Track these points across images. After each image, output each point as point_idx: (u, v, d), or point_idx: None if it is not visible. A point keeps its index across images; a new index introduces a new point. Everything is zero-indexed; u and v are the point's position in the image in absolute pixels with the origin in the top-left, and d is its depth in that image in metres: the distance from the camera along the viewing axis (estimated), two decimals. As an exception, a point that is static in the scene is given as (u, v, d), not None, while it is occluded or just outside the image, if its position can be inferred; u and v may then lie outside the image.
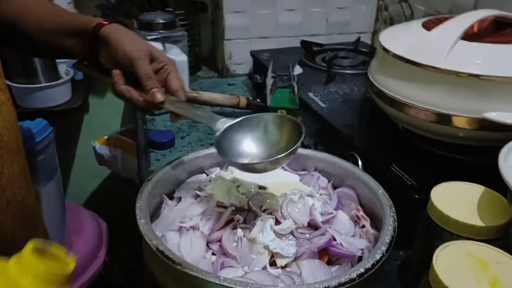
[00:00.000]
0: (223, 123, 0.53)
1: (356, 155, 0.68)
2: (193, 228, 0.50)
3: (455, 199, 0.51)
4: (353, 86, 0.90)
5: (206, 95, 0.94)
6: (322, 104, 0.82)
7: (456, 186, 0.53)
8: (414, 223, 0.57)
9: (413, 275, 0.56)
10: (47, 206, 0.98)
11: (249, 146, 0.53)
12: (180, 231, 0.50)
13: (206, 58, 1.31)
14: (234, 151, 0.52)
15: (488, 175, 0.59)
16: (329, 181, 0.61)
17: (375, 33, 1.24)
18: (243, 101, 0.95)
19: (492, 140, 0.62)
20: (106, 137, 1.22)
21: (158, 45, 0.95)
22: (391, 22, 1.15)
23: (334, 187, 0.61)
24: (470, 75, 0.57)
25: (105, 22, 0.56)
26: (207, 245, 0.49)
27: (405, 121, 0.67)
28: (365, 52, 1.11)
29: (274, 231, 0.49)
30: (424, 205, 0.57)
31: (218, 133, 0.52)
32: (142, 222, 0.47)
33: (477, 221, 0.48)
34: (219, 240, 0.49)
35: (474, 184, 0.53)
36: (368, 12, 1.21)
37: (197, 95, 0.93)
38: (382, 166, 0.65)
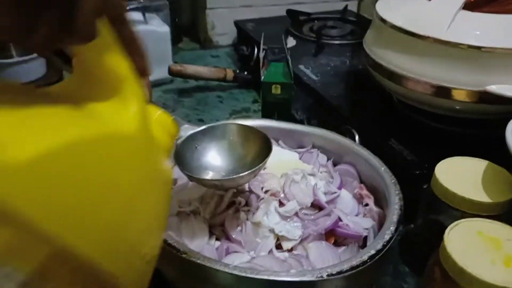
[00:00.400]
0: (186, 130, 0.48)
1: (353, 130, 0.67)
2: (194, 212, 0.47)
3: (459, 174, 0.50)
4: (343, 58, 0.88)
5: (191, 68, 0.90)
6: (314, 77, 0.80)
7: (459, 161, 0.52)
8: (414, 198, 0.56)
9: (414, 252, 0.56)
10: None
11: (213, 158, 0.49)
12: (180, 216, 0.47)
13: (187, 28, 1.26)
14: (195, 163, 0.48)
15: (487, 148, 0.59)
16: (328, 159, 0.60)
17: (361, 1, 1.21)
18: (229, 74, 0.92)
19: (492, 113, 0.61)
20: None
21: (138, 15, 0.89)
22: (378, -11, 1.12)
23: (334, 165, 0.60)
24: (471, 47, 0.56)
25: None
26: (210, 230, 0.47)
27: (402, 94, 0.65)
28: (352, 21, 1.08)
29: (279, 214, 0.47)
30: (425, 180, 0.57)
31: (179, 141, 0.47)
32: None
33: (484, 197, 0.47)
34: (222, 224, 0.47)
35: (476, 158, 0.53)
36: (354, -21, 1.17)
37: (181, 68, 0.89)
38: (380, 141, 0.63)
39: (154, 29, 0.91)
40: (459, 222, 0.44)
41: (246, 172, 0.44)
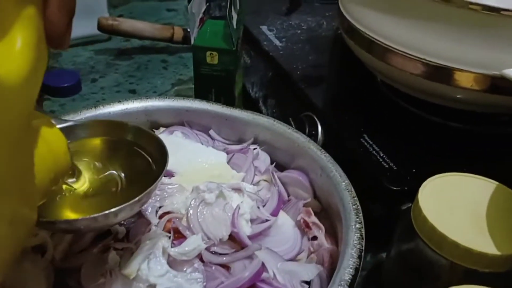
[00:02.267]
0: None
1: (316, 118, 0.49)
2: (37, 250, 0.31)
3: (454, 203, 0.34)
4: (320, 19, 0.69)
5: (127, 24, 0.71)
6: (277, 43, 0.61)
7: (456, 180, 0.36)
8: (387, 220, 0.40)
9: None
10: None
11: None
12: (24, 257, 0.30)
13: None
14: None
15: (498, 154, 0.42)
16: (272, 162, 0.42)
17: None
18: (178, 34, 0.73)
19: (506, 106, 0.43)
20: None
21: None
22: None
23: (281, 169, 0.43)
24: (487, 8, 0.38)
25: None
26: (60, 277, 0.30)
27: (385, 73, 0.47)
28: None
29: (169, 257, 0.31)
30: (405, 198, 0.40)
31: None
32: None
33: (488, 245, 0.31)
34: (80, 269, 0.30)
35: (482, 177, 0.36)
36: None
37: (114, 23, 0.70)
38: (349, 136, 0.46)
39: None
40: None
41: (113, 209, 0.26)
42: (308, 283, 0.33)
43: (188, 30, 0.74)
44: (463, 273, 0.32)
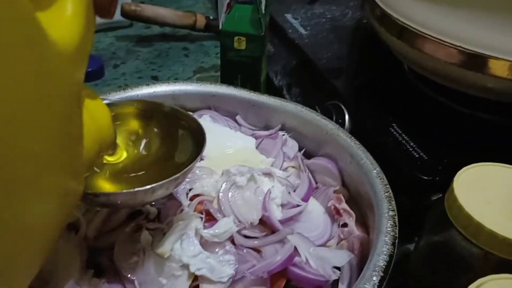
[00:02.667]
0: None
1: (343, 107, 0.49)
2: (70, 228, 0.31)
3: (491, 194, 0.33)
4: (345, 8, 0.68)
5: (150, 10, 0.70)
6: (302, 31, 0.60)
7: (492, 171, 0.35)
8: (417, 210, 0.39)
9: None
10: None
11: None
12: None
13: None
14: None
15: None
16: (300, 149, 0.42)
17: None
18: (200, 21, 0.73)
19: (542, 97, 0.42)
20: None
21: None
22: None
23: (308, 156, 0.42)
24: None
25: None
26: (93, 256, 0.30)
27: (417, 61, 0.46)
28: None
29: (201, 239, 0.30)
30: (436, 189, 0.40)
31: None
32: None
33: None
34: (113, 247, 0.30)
35: (514, 167, 0.35)
36: None
37: (137, 9, 0.69)
38: (377, 126, 0.45)
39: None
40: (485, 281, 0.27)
41: (152, 185, 0.26)
42: (338, 269, 0.32)
43: (211, 17, 0.73)
44: (496, 263, 0.31)
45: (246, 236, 0.32)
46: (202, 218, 0.31)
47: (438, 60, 0.42)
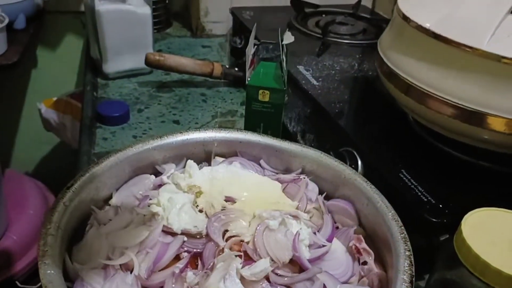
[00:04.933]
0: None
1: (355, 153, 0.53)
2: (126, 267, 0.34)
3: (496, 236, 0.37)
4: (351, 60, 0.74)
5: (172, 59, 0.76)
6: (315, 82, 0.66)
7: (495, 215, 0.39)
8: (426, 250, 0.43)
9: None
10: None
11: None
12: (106, 271, 0.34)
13: (178, 13, 1.12)
14: None
15: None
16: (320, 191, 0.46)
17: (377, -4, 1.06)
18: (217, 70, 0.78)
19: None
20: (55, 98, 1.03)
21: (114, -8, 0.76)
22: (399, -16, 0.98)
23: (327, 198, 0.46)
24: (519, 62, 0.42)
25: None
26: (144, 292, 0.34)
27: (422, 115, 0.52)
28: (366, 18, 0.94)
29: (242, 277, 0.34)
30: (444, 230, 0.44)
31: None
32: (45, 263, 0.31)
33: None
34: (162, 286, 0.34)
35: (516, 213, 0.39)
36: (372, -31, 1.03)
37: (160, 59, 0.75)
38: (387, 171, 0.50)
39: (132, 9, 0.77)
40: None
41: None
42: (361, 304, 0.36)
43: (227, 66, 0.79)
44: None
45: (279, 275, 0.36)
46: (241, 258, 0.35)
47: (442, 115, 0.47)
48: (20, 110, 1.20)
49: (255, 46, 0.56)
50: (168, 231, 0.37)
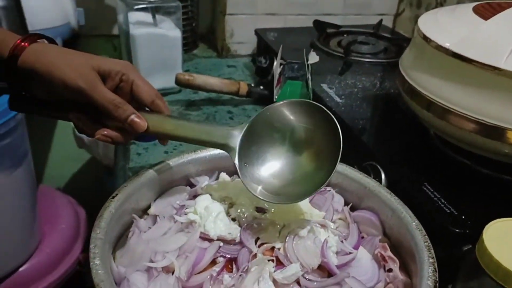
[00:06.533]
0: (235, 139, 0.42)
1: (379, 167, 0.56)
2: (166, 269, 0.37)
3: (515, 244, 0.39)
4: (373, 79, 0.77)
5: (201, 79, 0.80)
6: (338, 99, 0.69)
7: (513, 225, 0.41)
8: (449, 260, 0.45)
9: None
10: (14, 194, 0.86)
11: (270, 162, 0.42)
12: (149, 273, 0.37)
13: (204, 34, 1.17)
14: (254, 171, 0.42)
15: None
16: (346, 203, 0.49)
17: (397, 16, 1.09)
18: (243, 88, 0.82)
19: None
20: (88, 117, 1.08)
21: (146, 17, 0.81)
22: (418, 4, 1.01)
23: (352, 209, 0.49)
24: (535, 79, 0.44)
25: (24, 44, 0.39)
26: (184, 293, 0.37)
27: (443, 130, 0.54)
28: (387, 37, 0.97)
29: (274, 280, 0.37)
30: (466, 240, 0.45)
31: (236, 160, 0.41)
32: (96, 264, 0.34)
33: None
34: None
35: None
36: (392, -9, 1.06)
37: (189, 78, 0.79)
38: (410, 184, 0.52)
39: (164, 33, 0.82)
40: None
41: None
42: (387, 309, 0.38)
43: (252, 85, 0.83)
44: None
45: (309, 279, 0.38)
46: (273, 261, 0.38)
47: (463, 130, 0.50)
48: (53, 129, 1.25)
49: (281, 66, 0.60)
50: (205, 237, 0.40)
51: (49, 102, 0.43)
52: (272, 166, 0.42)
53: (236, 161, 0.41)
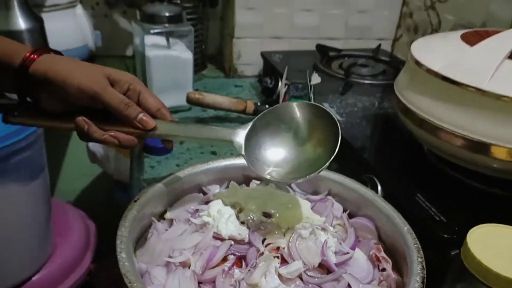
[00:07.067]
0: (241, 135, 0.46)
1: (376, 180, 0.60)
2: (183, 265, 0.42)
3: (496, 246, 0.43)
4: (372, 99, 0.82)
5: (210, 97, 0.86)
6: (339, 118, 0.74)
7: (496, 230, 0.45)
8: (440, 265, 0.49)
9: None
10: (30, 206, 0.90)
11: (276, 151, 0.47)
12: (168, 267, 0.42)
13: (213, 56, 1.23)
14: (262, 159, 0.46)
15: None
16: (344, 210, 0.53)
17: (395, 41, 1.15)
18: (250, 107, 0.87)
19: (536, 176, 0.54)
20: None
21: (161, 40, 0.87)
22: (415, 30, 1.07)
23: (350, 216, 0.53)
24: (515, 99, 0.49)
25: (34, 56, 0.42)
26: (199, 286, 0.41)
27: (435, 145, 0.58)
28: (385, 61, 1.02)
29: (279, 275, 0.41)
30: (454, 246, 0.50)
31: (242, 151, 0.46)
32: (123, 257, 0.39)
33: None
34: (214, 281, 0.41)
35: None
36: (391, 17, 1.12)
37: (200, 97, 0.85)
38: (405, 195, 0.57)
39: (177, 54, 0.88)
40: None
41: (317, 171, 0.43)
42: (380, 303, 0.42)
43: (258, 104, 0.88)
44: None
45: (310, 276, 0.43)
46: (279, 258, 0.42)
47: (452, 145, 0.54)
48: (67, 143, 1.31)
49: (286, 86, 0.65)
50: (217, 237, 0.44)
51: (54, 112, 0.45)
52: (278, 154, 0.46)
53: (243, 152, 0.46)
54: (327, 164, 0.43)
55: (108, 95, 0.43)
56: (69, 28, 1.00)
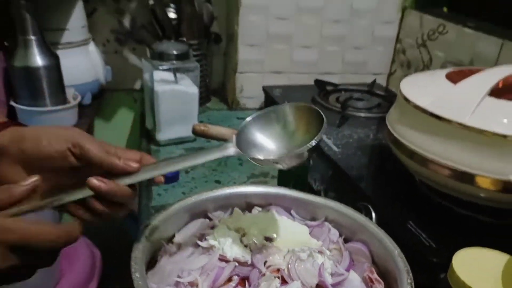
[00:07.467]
0: (230, 142, 0.52)
1: (370, 207, 0.64)
2: (191, 284, 0.45)
3: (479, 268, 0.47)
4: (367, 131, 0.87)
5: (214, 129, 0.90)
6: (335, 149, 0.78)
7: (480, 253, 0.49)
8: (431, 287, 0.53)
9: None
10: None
11: (266, 142, 0.52)
12: (177, 287, 0.45)
13: (217, 89, 1.29)
14: (254, 149, 0.52)
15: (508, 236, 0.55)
16: (340, 235, 0.57)
17: (390, 75, 1.21)
18: (252, 138, 0.92)
19: (517, 203, 0.58)
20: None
21: (169, 75, 0.93)
22: (408, 66, 1.13)
23: (345, 241, 0.57)
24: (496, 134, 0.54)
25: None
26: (205, 304, 0.45)
27: (424, 175, 0.63)
28: (380, 94, 1.08)
29: (279, 294, 0.45)
30: (443, 269, 0.53)
31: (233, 141, 0.52)
32: (137, 276, 0.42)
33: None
34: (220, 299, 0.45)
35: (498, 251, 0.49)
36: (386, 53, 1.19)
37: (204, 129, 0.89)
38: (397, 222, 0.61)
39: (183, 89, 0.93)
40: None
41: (303, 147, 0.46)
42: (374, 322, 0.45)
43: (260, 135, 0.93)
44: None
45: (308, 295, 0.46)
46: (279, 279, 0.46)
47: (440, 175, 0.59)
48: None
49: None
50: (223, 259, 0.48)
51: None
52: (269, 143, 0.52)
53: (234, 141, 0.51)
54: (317, 138, 0.47)
55: (89, 144, 0.43)
56: (82, 64, 1.06)
